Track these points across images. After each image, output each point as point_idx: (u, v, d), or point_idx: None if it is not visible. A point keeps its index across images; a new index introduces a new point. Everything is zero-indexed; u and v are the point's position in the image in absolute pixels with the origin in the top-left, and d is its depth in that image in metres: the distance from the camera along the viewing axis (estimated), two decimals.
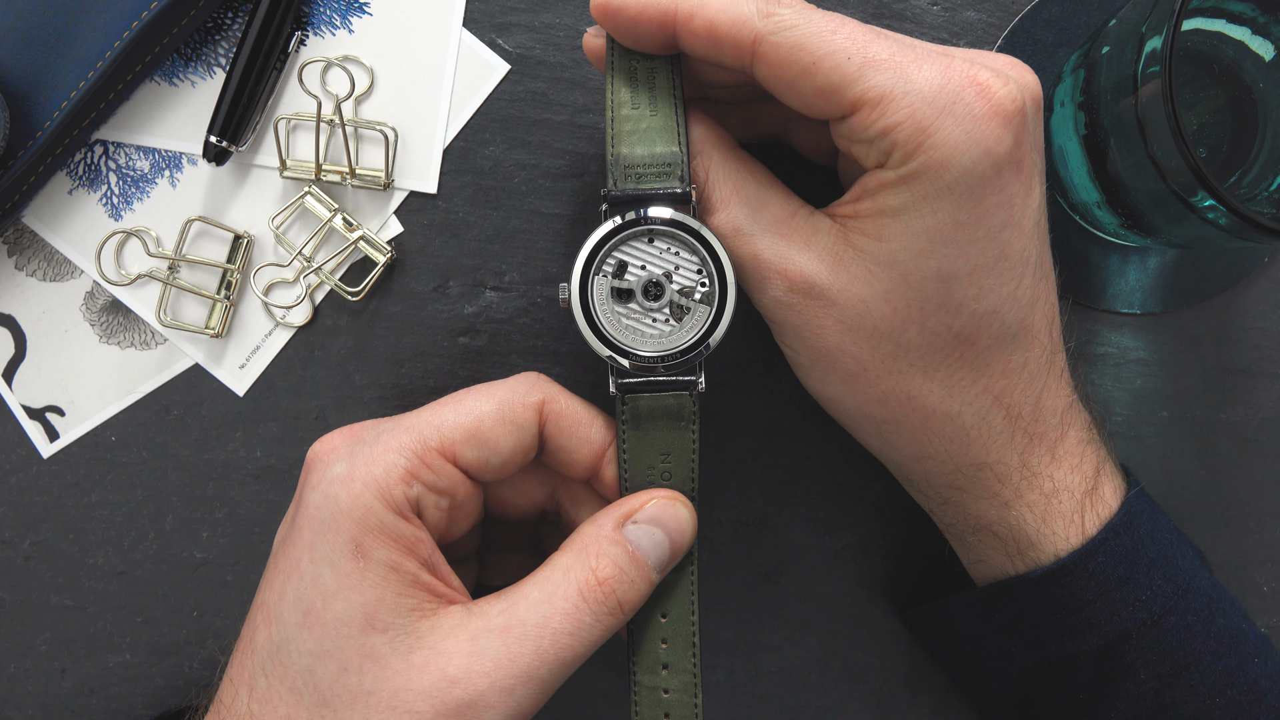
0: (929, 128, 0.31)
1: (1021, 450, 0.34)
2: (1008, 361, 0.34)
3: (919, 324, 0.33)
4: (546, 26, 0.42)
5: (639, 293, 0.34)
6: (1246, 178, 0.38)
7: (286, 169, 0.42)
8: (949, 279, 0.32)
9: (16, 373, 0.43)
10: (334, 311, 0.43)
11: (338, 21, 0.42)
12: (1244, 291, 0.43)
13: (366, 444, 0.34)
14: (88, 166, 0.42)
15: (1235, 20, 0.37)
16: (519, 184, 0.42)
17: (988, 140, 0.31)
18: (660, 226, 0.33)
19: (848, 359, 0.34)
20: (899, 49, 0.32)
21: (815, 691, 0.44)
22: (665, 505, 0.34)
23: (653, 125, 0.34)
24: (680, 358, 0.34)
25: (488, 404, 0.35)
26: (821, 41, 0.32)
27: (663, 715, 0.35)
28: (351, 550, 0.32)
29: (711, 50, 0.33)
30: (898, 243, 0.32)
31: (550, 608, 0.32)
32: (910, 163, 0.31)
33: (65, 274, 0.43)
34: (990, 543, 0.36)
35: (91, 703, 0.43)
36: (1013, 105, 0.31)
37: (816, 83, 0.32)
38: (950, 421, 0.34)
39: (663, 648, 0.35)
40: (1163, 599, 0.34)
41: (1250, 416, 0.43)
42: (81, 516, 0.43)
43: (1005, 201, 0.32)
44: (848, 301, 0.33)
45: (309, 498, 0.34)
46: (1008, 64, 0.33)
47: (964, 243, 0.32)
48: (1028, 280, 0.33)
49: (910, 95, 0.31)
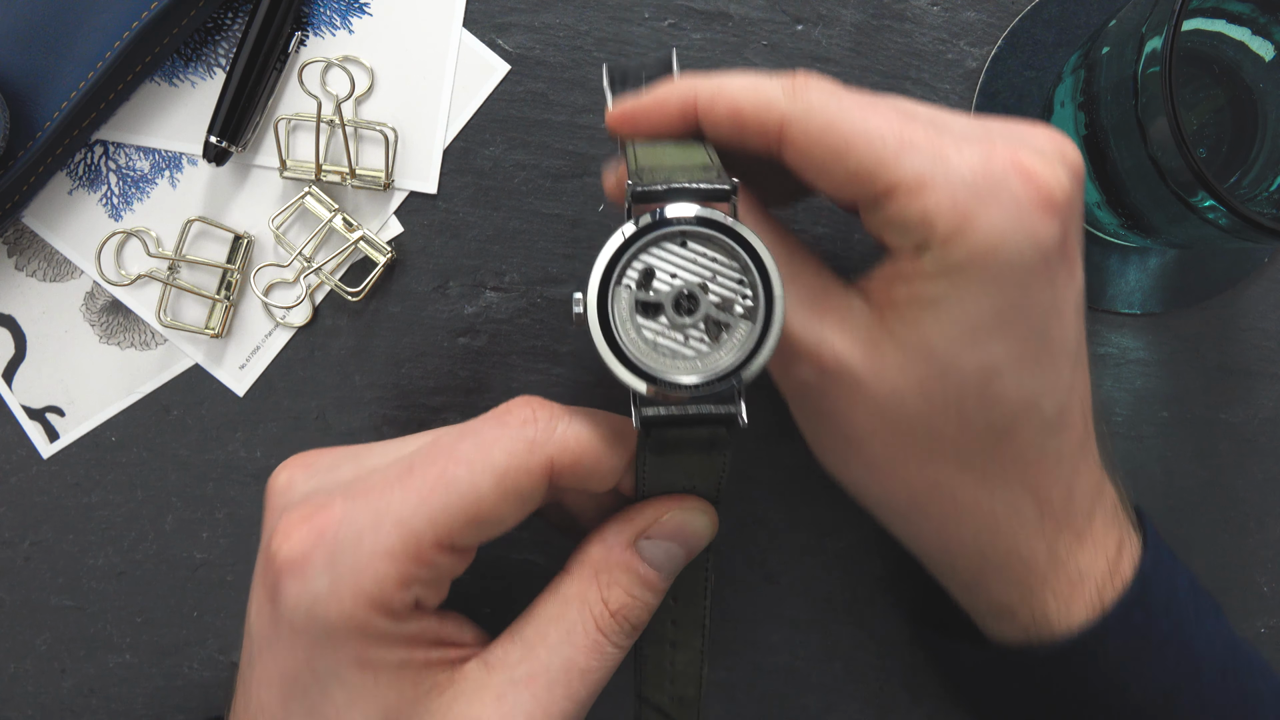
0: (971, 215, 0.29)
1: (1050, 538, 0.33)
2: (1043, 452, 0.32)
3: (956, 417, 0.31)
4: (546, 26, 0.42)
5: (669, 306, 0.29)
6: (1246, 178, 0.38)
7: (286, 169, 0.42)
8: (989, 372, 0.30)
9: (16, 373, 0.43)
10: (334, 312, 0.43)
11: (338, 21, 0.42)
12: (1244, 291, 0.43)
13: (346, 549, 0.29)
14: (88, 166, 0.42)
15: (1235, 20, 0.37)
16: (519, 184, 0.42)
17: (1035, 230, 0.29)
18: (695, 227, 0.28)
19: (876, 447, 0.32)
20: (936, 131, 0.30)
21: (815, 691, 0.44)
22: (684, 517, 0.31)
23: (679, 148, 0.31)
24: (718, 384, 0.28)
25: (486, 478, 0.30)
26: (854, 123, 0.29)
27: (667, 682, 0.34)
28: (358, 664, 0.29)
29: (736, 135, 0.31)
30: (936, 333, 0.30)
31: (572, 648, 0.30)
32: (950, 252, 0.29)
33: (65, 274, 0.43)
34: (1009, 621, 0.35)
35: (91, 703, 0.43)
36: (1060, 192, 0.29)
37: (849, 166, 0.30)
38: (981, 512, 0.33)
39: (670, 627, 0.34)
40: (1175, 676, 0.33)
41: (1250, 416, 0.43)
42: (81, 516, 0.43)
43: (1050, 291, 0.30)
44: (881, 391, 0.31)
45: (289, 611, 0.29)
46: (1048, 140, 0.31)
47: (1006, 335, 0.30)
48: (1066, 369, 0.31)
49: (951, 180, 0.29)
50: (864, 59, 0.42)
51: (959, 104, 0.42)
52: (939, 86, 0.42)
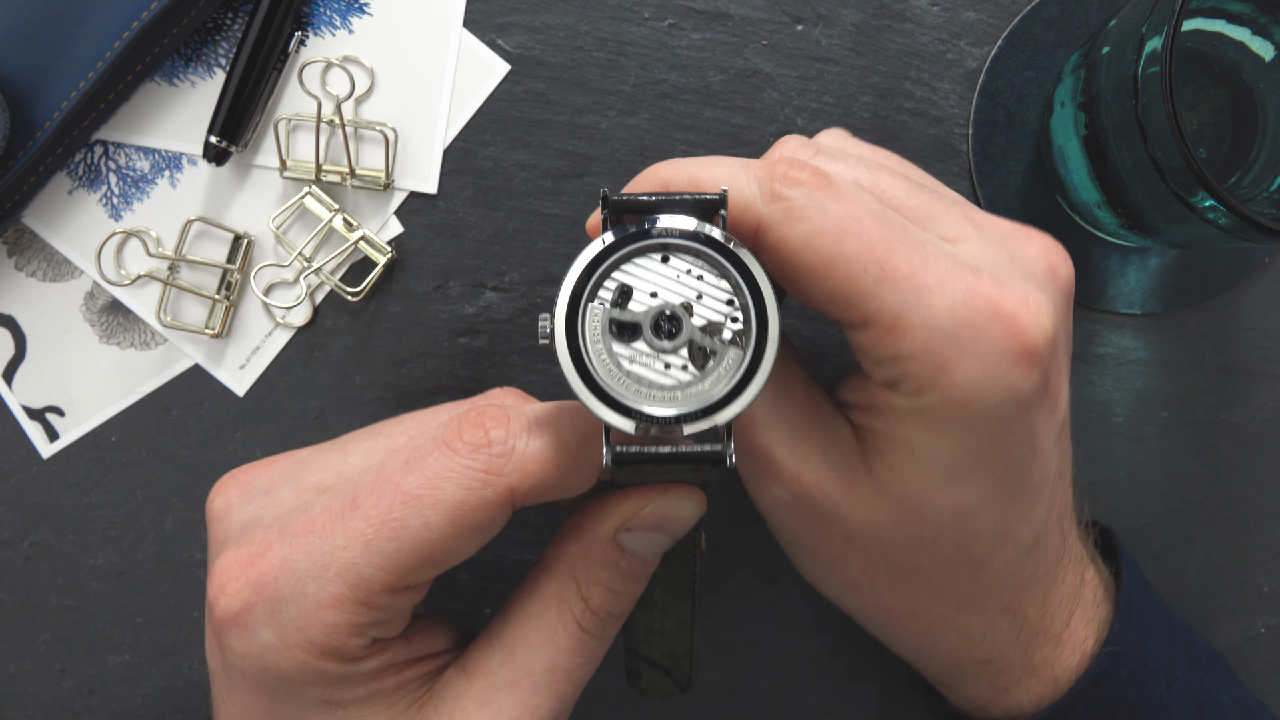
0: (946, 364, 0.27)
1: (1025, 647, 0.33)
2: (1019, 576, 0.32)
3: (931, 552, 0.31)
4: (546, 26, 0.42)
5: (647, 327, 0.25)
6: (1246, 178, 0.38)
7: (286, 169, 0.42)
8: (964, 511, 0.30)
9: (16, 373, 0.43)
10: (334, 312, 0.43)
11: (338, 21, 0.42)
12: (1244, 291, 0.43)
13: (288, 600, 0.27)
14: (88, 166, 0.42)
15: (1235, 20, 0.37)
16: (519, 184, 0.42)
17: (1013, 382, 0.28)
18: (679, 240, 0.25)
19: (851, 572, 0.32)
20: (922, 261, 0.28)
21: (815, 691, 0.44)
22: (668, 506, 0.29)
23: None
24: (703, 418, 0.25)
25: (438, 518, 0.27)
26: (834, 243, 0.27)
27: (657, 639, 0.33)
28: (322, 705, 0.28)
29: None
30: (911, 478, 0.29)
31: (554, 648, 0.30)
32: (923, 396, 0.28)
33: (65, 274, 0.43)
34: (984, 711, 0.35)
35: (91, 703, 0.43)
36: (1043, 339, 0.28)
37: (826, 289, 0.28)
38: (956, 631, 0.33)
39: (659, 592, 0.32)
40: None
41: (1250, 416, 0.43)
42: (81, 516, 0.43)
43: (1028, 433, 0.29)
44: (856, 523, 0.30)
45: (239, 662, 0.28)
46: (1040, 256, 0.30)
47: (981, 477, 0.29)
48: (1044, 499, 0.31)
49: (928, 325, 0.27)
50: (864, 59, 0.42)
51: (959, 104, 0.42)
52: (939, 86, 0.42)
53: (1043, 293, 0.29)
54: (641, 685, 0.36)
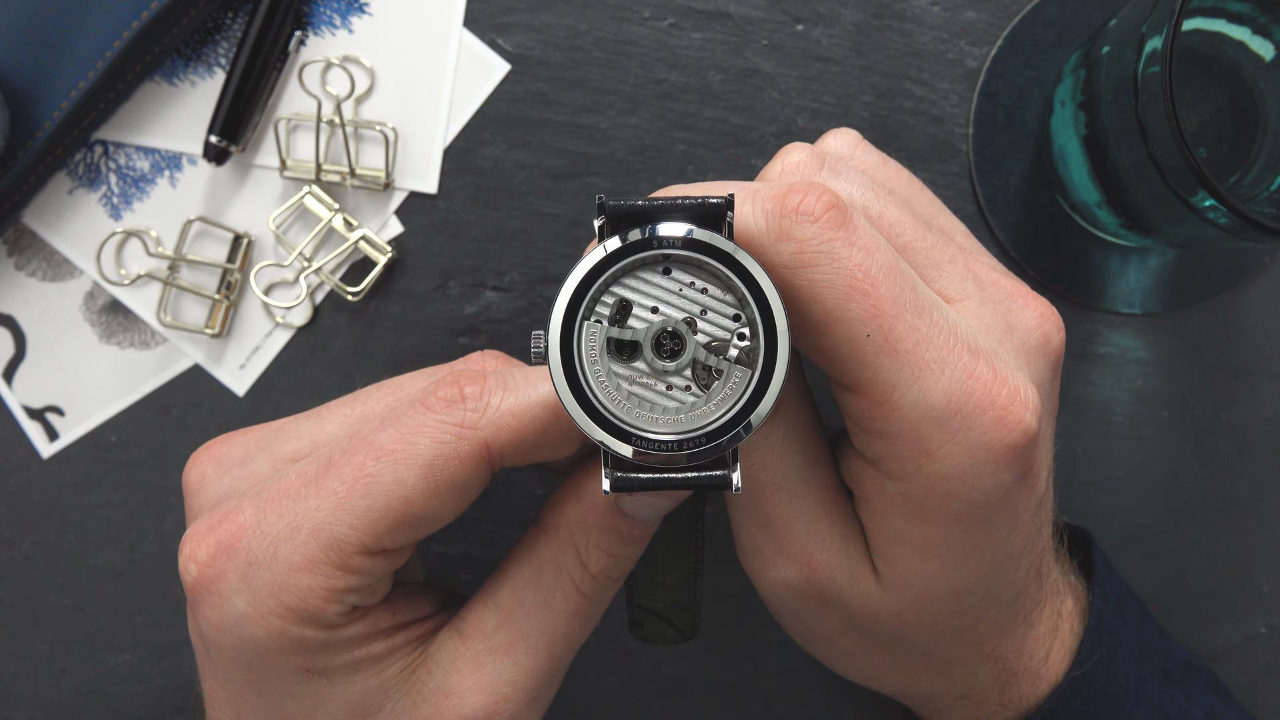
0: (933, 452, 0.27)
1: (1002, 685, 0.34)
2: (1000, 627, 0.32)
3: (928, 630, 0.31)
4: (546, 26, 0.42)
5: (648, 346, 0.24)
6: (1246, 178, 0.38)
7: (286, 169, 0.42)
8: (959, 592, 0.30)
9: (16, 373, 0.43)
10: (334, 311, 0.43)
11: (338, 21, 0.42)
12: (1244, 291, 0.43)
13: (260, 563, 0.26)
14: (88, 166, 0.42)
15: (1235, 20, 0.37)
16: (519, 184, 0.42)
17: (999, 476, 0.28)
18: (681, 251, 0.23)
19: (845, 643, 0.33)
20: (926, 334, 0.26)
21: (815, 691, 0.44)
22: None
23: None
24: (707, 443, 0.23)
25: (411, 474, 0.26)
26: (842, 299, 0.25)
27: (660, 592, 0.33)
28: (303, 674, 0.27)
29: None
30: (910, 568, 0.30)
31: (551, 611, 0.29)
32: (908, 483, 0.28)
33: (65, 274, 0.43)
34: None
35: (91, 703, 0.43)
36: (1031, 434, 0.27)
37: (823, 345, 0.27)
38: (939, 678, 0.33)
39: (662, 548, 0.32)
40: None
41: (1250, 416, 0.43)
42: (81, 516, 0.43)
43: (1010, 514, 0.29)
44: (857, 608, 0.31)
45: (215, 635, 0.27)
46: (1036, 325, 0.29)
47: (972, 560, 0.30)
48: (1025, 559, 0.31)
49: (920, 407, 0.26)
50: (864, 59, 0.42)
51: (959, 103, 0.42)
52: (939, 86, 0.42)
53: (1033, 376, 0.29)
54: (644, 634, 0.35)
